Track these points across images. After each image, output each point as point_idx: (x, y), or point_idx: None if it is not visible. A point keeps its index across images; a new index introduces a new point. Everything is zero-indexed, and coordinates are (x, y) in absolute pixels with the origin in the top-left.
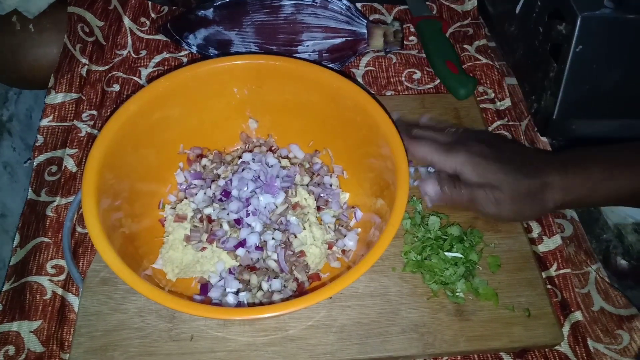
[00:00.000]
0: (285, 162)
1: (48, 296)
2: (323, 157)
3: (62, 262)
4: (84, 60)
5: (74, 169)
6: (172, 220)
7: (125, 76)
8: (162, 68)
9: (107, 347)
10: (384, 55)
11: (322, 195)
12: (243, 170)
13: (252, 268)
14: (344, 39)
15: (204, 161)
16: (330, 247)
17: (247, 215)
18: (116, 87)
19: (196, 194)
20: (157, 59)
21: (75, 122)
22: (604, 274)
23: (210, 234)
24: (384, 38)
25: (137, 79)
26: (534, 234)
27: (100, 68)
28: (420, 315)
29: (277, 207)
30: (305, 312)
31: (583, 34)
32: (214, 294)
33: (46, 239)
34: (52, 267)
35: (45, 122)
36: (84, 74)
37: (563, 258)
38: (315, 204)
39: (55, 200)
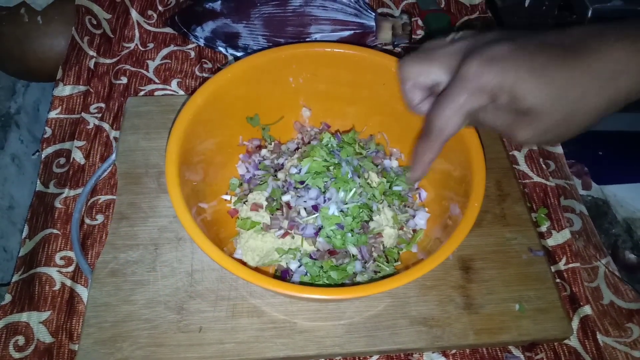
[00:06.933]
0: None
1: (57, 287)
2: (378, 141)
3: (70, 254)
4: (91, 53)
5: (82, 161)
6: (249, 210)
7: (132, 69)
8: (169, 61)
9: (116, 338)
10: (392, 49)
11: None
12: None
13: (331, 252)
14: (352, 32)
15: (263, 152)
16: (400, 228)
17: (325, 201)
18: (124, 80)
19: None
20: (165, 51)
21: (83, 114)
22: (613, 267)
23: (290, 221)
24: (392, 31)
25: (144, 72)
26: (543, 228)
27: (108, 61)
28: (429, 308)
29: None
30: (314, 304)
31: None
32: (295, 280)
33: (55, 231)
34: (61, 258)
35: (53, 114)
36: (92, 67)
37: (572, 252)
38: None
39: (63, 192)
